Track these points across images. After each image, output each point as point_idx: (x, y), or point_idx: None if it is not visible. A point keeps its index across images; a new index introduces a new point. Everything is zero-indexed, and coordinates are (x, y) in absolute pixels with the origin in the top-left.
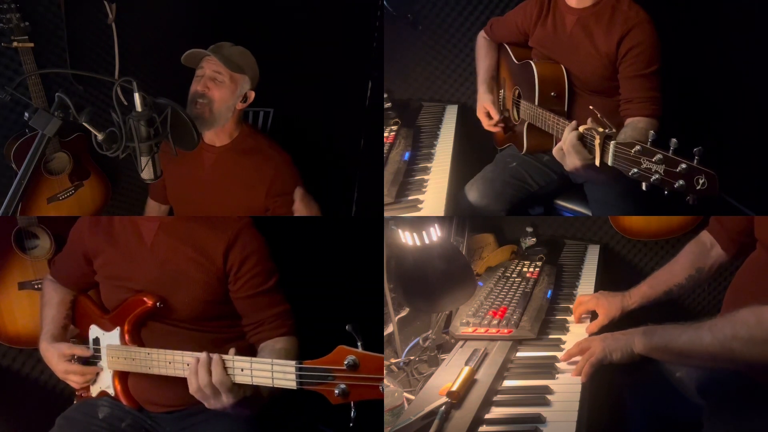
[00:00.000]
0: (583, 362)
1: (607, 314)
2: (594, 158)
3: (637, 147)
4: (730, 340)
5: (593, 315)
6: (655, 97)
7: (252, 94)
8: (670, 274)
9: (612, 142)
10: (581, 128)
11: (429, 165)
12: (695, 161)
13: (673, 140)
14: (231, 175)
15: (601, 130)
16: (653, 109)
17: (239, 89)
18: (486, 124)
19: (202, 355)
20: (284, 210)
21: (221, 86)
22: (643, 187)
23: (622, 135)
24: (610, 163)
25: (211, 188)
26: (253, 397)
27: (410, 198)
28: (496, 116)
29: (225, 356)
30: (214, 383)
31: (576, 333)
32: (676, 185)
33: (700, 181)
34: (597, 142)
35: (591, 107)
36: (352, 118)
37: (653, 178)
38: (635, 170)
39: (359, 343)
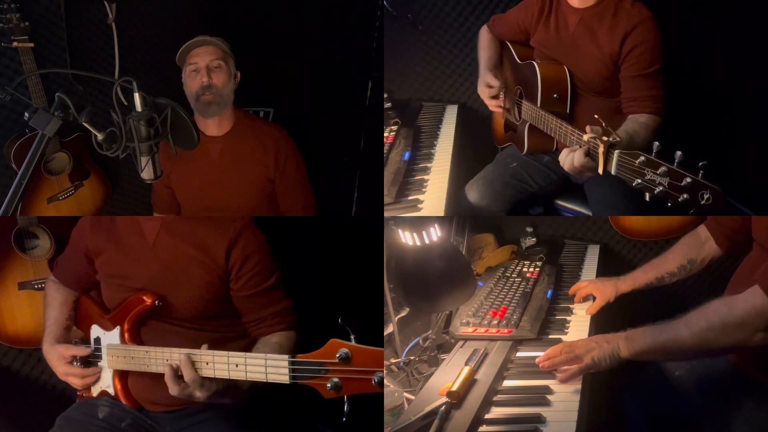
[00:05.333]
0: (573, 370)
1: (603, 297)
2: (597, 166)
3: (642, 158)
4: (705, 331)
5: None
6: (657, 95)
7: (238, 75)
8: (664, 263)
9: (616, 151)
10: (585, 137)
11: (429, 165)
12: (700, 175)
13: (678, 153)
14: (240, 158)
15: (605, 138)
16: (656, 107)
17: (231, 69)
18: (486, 95)
19: (169, 368)
20: (292, 179)
21: (220, 71)
22: (647, 198)
23: (623, 128)
24: (613, 172)
25: (223, 177)
26: (227, 389)
27: (410, 198)
28: (495, 83)
29: (194, 351)
30: (186, 381)
31: (575, 333)
32: (680, 199)
33: (705, 196)
34: (601, 150)
35: (596, 116)
36: (352, 118)
37: (657, 190)
38: (639, 181)
39: (352, 337)
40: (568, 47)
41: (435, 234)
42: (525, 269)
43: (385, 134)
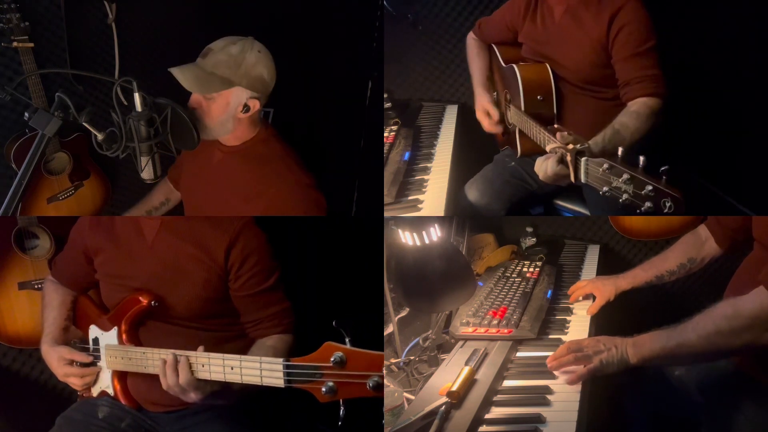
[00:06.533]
0: (582, 372)
1: (603, 296)
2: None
3: (605, 165)
4: (713, 335)
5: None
6: (654, 75)
7: (255, 103)
8: (664, 261)
9: (583, 159)
10: (548, 147)
11: (429, 165)
12: (663, 181)
13: (641, 158)
14: (233, 181)
15: (571, 147)
16: (653, 87)
17: (233, 101)
18: (486, 125)
19: (168, 357)
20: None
21: (210, 101)
22: (620, 205)
23: (611, 123)
24: (583, 180)
25: (213, 188)
26: (221, 391)
27: (410, 198)
28: (495, 115)
29: (191, 353)
30: (181, 383)
31: (575, 333)
32: (644, 208)
33: (667, 204)
34: (569, 158)
35: (556, 125)
36: (352, 118)
37: (623, 198)
38: (606, 189)
39: (347, 339)
40: (556, 38)
41: (435, 234)
42: (525, 269)
43: (385, 134)
